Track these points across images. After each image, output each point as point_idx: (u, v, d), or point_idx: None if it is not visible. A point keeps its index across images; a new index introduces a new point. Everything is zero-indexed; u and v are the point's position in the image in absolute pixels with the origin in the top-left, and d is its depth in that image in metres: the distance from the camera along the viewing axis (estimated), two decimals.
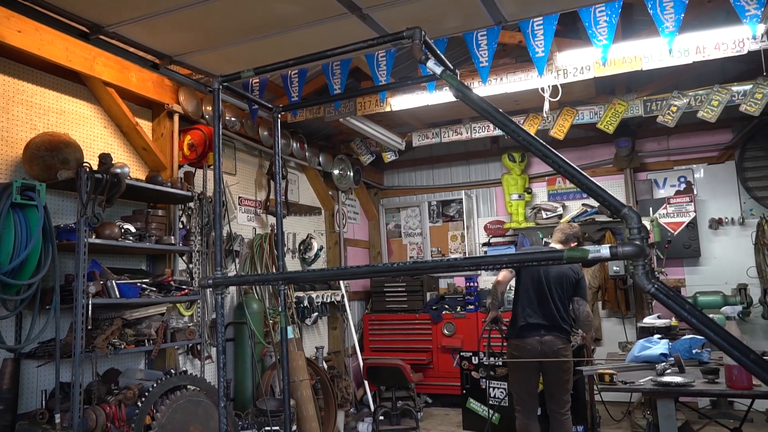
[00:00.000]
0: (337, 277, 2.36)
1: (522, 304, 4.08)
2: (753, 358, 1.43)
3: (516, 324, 4.07)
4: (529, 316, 4.01)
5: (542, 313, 4.01)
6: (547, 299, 4.05)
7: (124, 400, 3.48)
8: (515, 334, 4.05)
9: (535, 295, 4.07)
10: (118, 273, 3.83)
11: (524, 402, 4.08)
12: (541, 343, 3.96)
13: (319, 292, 6.20)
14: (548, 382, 4.12)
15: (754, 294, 6.06)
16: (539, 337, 3.97)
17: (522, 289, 4.13)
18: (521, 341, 4.00)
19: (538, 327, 3.99)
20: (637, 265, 1.53)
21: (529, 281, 4.11)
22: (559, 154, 1.71)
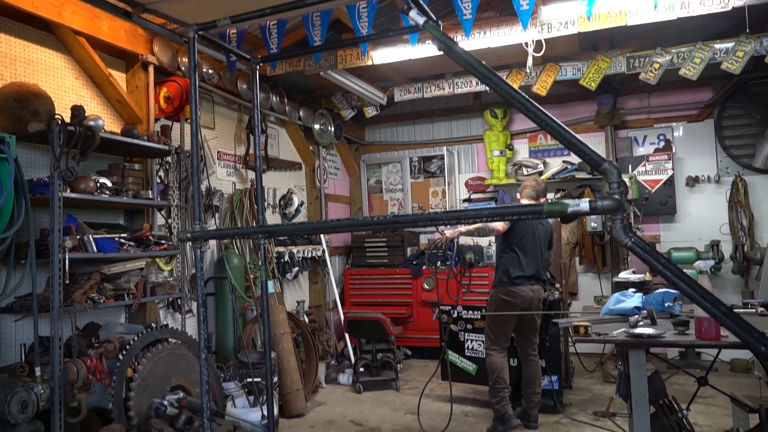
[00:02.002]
0: (318, 230, 2.36)
1: (517, 256, 4.35)
2: (723, 310, 1.47)
3: (510, 274, 4.33)
4: (524, 268, 4.33)
5: (534, 266, 4.37)
6: (537, 254, 4.41)
7: (105, 354, 3.49)
8: (510, 282, 4.32)
9: (530, 249, 4.38)
10: (95, 228, 3.78)
11: (501, 342, 4.40)
12: (532, 291, 4.34)
13: (300, 247, 6.21)
14: (526, 326, 4.45)
15: (725, 250, 6.22)
16: (530, 285, 4.34)
17: (516, 243, 4.37)
18: (516, 288, 4.30)
19: (530, 278, 4.34)
20: (616, 220, 1.54)
21: (524, 236, 4.37)
22: (542, 108, 1.69)
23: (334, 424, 4.69)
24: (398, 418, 4.80)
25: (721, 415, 4.44)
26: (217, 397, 4.21)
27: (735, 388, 4.48)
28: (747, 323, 1.43)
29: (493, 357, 4.36)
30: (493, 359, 4.36)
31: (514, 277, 4.30)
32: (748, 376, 5.51)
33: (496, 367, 4.33)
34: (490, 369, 4.36)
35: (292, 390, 4.89)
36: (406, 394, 5.50)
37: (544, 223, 4.53)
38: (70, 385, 3.23)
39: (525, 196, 4.51)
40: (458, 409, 4.93)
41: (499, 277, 4.41)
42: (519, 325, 4.43)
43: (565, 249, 6.48)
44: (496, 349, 4.38)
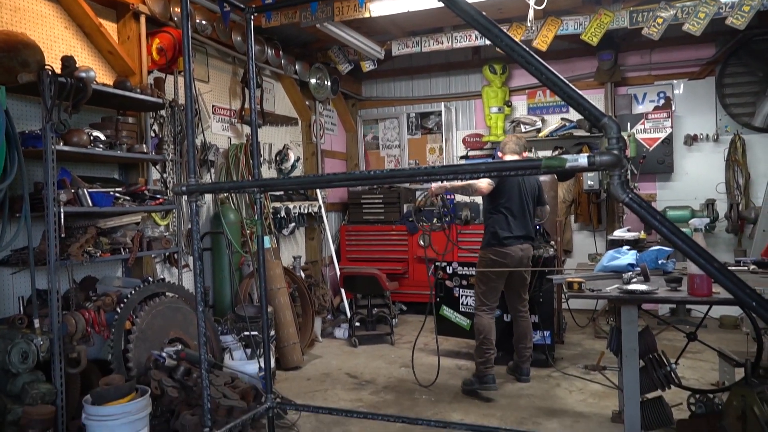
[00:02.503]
0: (314, 184, 2.34)
1: (505, 217, 4.29)
2: (716, 266, 1.48)
3: (499, 235, 4.27)
4: (512, 228, 4.27)
5: (522, 225, 4.32)
6: (525, 213, 4.34)
7: (103, 307, 3.52)
8: (499, 243, 4.27)
9: (518, 209, 4.31)
10: (90, 182, 3.75)
11: (492, 302, 4.37)
12: (521, 250, 4.31)
13: (297, 203, 6.21)
14: (516, 284, 4.46)
15: (720, 209, 6.25)
16: (520, 245, 4.30)
17: (504, 204, 4.29)
18: (506, 249, 4.26)
19: (519, 237, 4.29)
20: (613, 175, 1.54)
21: (511, 196, 4.29)
22: (542, 61, 1.66)
23: (330, 377, 4.79)
24: (393, 371, 4.90)
25: (708, 369, 4.55)
26: (215, 349, 4.28)
27: (723, 344, 4.57)
28: (739, 279, 1.45)
29: (482, 318, 4.33)
30: (481, 320, 4.33)
31: (503, 237, 4.25)
32: (736, 332, 5.62)
33: (484, 329, 4.30)
34: (478, 330, 4.33)
35: (289, 343, 4.97)
36: (400, 348, 5.59)
37: (531, 180, 4.43)
38: (69, 336, 3.27)
39: (509, 152, 4.41)
40: (452, 363, 5.03)
41: (487, 238, 4.35)
42: (509, 283, 4.44)
43: (561, 207, 6.49)
44: (485, 310, 4.34)
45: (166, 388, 3.40)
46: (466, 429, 2.42)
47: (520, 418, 3.77)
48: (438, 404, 4.08)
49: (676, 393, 3.46)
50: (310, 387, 4.54)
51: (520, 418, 3.77)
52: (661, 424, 3.04)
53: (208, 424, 2.13)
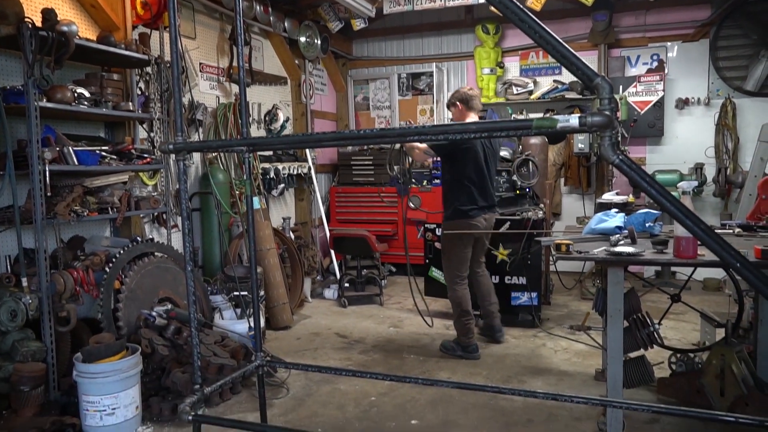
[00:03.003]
0: (303, 143, 2.31)
1: (468, 188, 4.18)
2: (703, 228, 1.49)
3: (463, 207, 4.19)
4: (475, 199, 4.19)
5: (485, 195, 4.24)
6: (487, 182, 4.25)
7: (92, 266, 3.51)
8: (464, 215, 4.19)
9: (480, 178, 4.20)
10: (75, 140, 3.69)
11: (463, 272, 4.32)
12: (485, 220, 4.29)
13: (286, 164, 6.16)
14: (478, 251, 4.46)
15: (709, 174, 6.29)
16: (484, 215, 4.26)
17: (465, 175, 4.17)
18: (471, 220, 4.19)
19: (483, 208, 4.24)
20: (604, 137, 1.53)
21: (473, 164, 4.16)
22: (535, 19, 1.63)
23: (319, 336, 4.85)
24: (382, 330, 4.96)
25: (690, 330, 4.65)
26: (205, 309, 4.30)
27: (705, 305, 4.67)
28: (724, 241, 1.46)
29: (457, 290, 4.28)
30: (456, 293, 4.28)
31: (468, 209, 4.18)
32: (718, 295, 5.73)
33: (461, 300, 4.27)
34: (455, 303, 4.30)
35: (278, 304, 5.01)
36: (389, 308, 5.66)
37: (491, 147, 4.28)
38: (58, 295, 3.27)
39: (474, 111, 4.26)
40: (440, 323, 5.11)
41: (451, 211, 4.24)
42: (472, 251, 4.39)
43: (550, 170, 6.50)
44: (458, 281, 4.29)
45: (157, 347, 3.43)
46: (453, 386, 2.47)
47: (505, 377, 3.86)
48: (425, 363, 4.16)
49: (659, 352, 3.54)
50: (299, 346, 4.60)
51: (505, 377, 3.86)
52: (642, 382, 3.12)
53: (198, 381, 2.15)
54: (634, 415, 3.12)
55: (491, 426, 3.13)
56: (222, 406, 3.47)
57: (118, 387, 3.04)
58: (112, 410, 3.02)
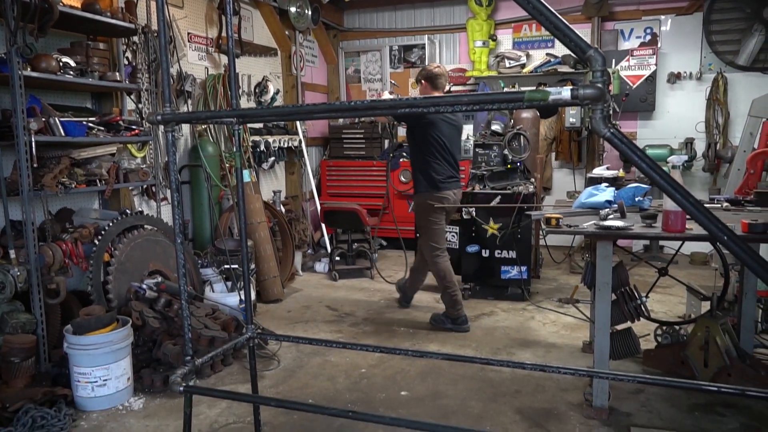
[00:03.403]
0: (293, 115, 2.29)
1: (438, 162, 4.26)
2: (692, 202, 1.50)
3: (433, 181, 4.26)
4: (446, 173, 4.29)
5: (453, 169, 4.36)
6: (452, 155, 4.34)
7: (80, 238, 3.49)
8: (435, 188, 4.27)
9: (447, 152, 4.29)
10: (61, 111, 3.63)
11: (443, 244, 4.40)
12: (454, 194, 4.39)
13: (276, 137, 6.11)
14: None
15: (699, 149, 6.31)
16: (453, 189, 4.36)
17: (435, 148, 4.25)
18: (442, 193, 4.28)
19: (451, 180, 4.33)
20: (596, 110, 1.52)
21: (440, 139, 4.24)
22: None
23: (310, 309, 4.87)
24: (372, 304, 5.00)
25: (676, 303, 4.72)
26: (196, 282, 4.30)
27: (692, 279, 4.73)
28: (713, 215, 1.47)
29: (438, 264, 4.33)
30: (438, 266, 4.33)
31: (439, 182, 4.26)
32: (705, 269, 5.81)
33: (445, 272, 4.32)
34: (440, 276, 4.34)
35: (269, 277, 5.02)
36: (380, 282, 5.69)
37: (459, 124, 4.43)
38: (47, 268, 3.25)
39: (438, 87, 4.34)
40: (431, 297, 5.14)
41: (423, 185, 4.31)
42: None
43: (542, 144, 6.49)
44: (438, 254, 4.34)
45: (148, 319, 3.44)
46: (443, 358, 2.50)
47: (494, 349, 3.91)
48: (415, 336, 4.20)
49: (645, 325, 3.60)
50: (290, 319, 4.62)
51: (494, 349, 3.91)
52: (628, 353, 3.17)
53: (189, 353, 2.16)
54: (620, 385, 3.18)
55: (480, 396, 3.18)
56: (213, 378, 3.50)
57: (109, 359, 3.05)
58: (103, 382, 3.04)
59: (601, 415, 2.88)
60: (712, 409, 2.95)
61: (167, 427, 2.90)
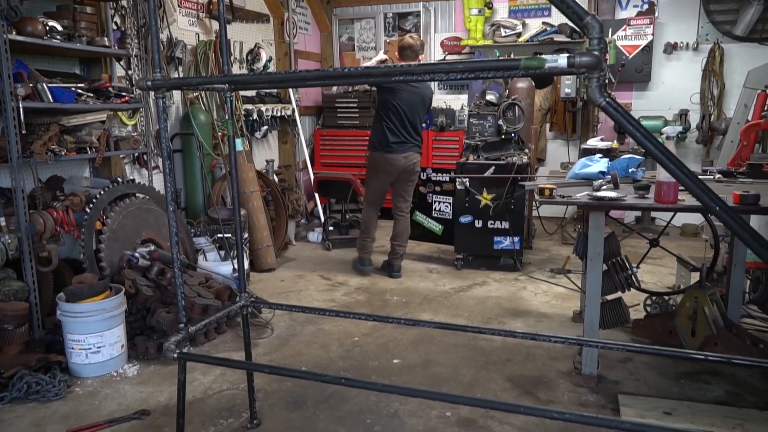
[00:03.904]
0: (286, 81, 2.25)
1: (393, 125, 4.62)
2: (685, 172, 1.50)
3: (383, 141, 4.65)
4: (398, 137, 4.64)
5: (408, 135, 4.67)
6: (407, 123, 4.64)
7: (72, 206, 3.46)
8: (383, 149, 4.67)
9: (405, 119, 4.62)
10: (49, 76, 3.56)
11: (376, 200, 4.93)
12: (404, 158, 4.69)
13: (269, 105, 6.04)
14: (400, 187, 4.85)
15: (693, 120, 6.30)
16: (403, 153, 4.67)
17: (393, 113, 4.60)
18: (389, 155, 4.67)
19: (403, 144, 4.66)
20: (592, 78, 1.50)
21: (401, 106, 4.59)
22: None
23: (303, 278, 4.89)
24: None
25: (666, 274, 4.77)
26: (189, 251, 4.30)
27: (682, 250, 4.77)
28: (705, 185, 1.47)
29: (366, 213, 4.96)
30: (365, 213, 4.97)
31: (387, 144, 4.63)
32: (695, 240, 5.86)
33: (368, 223, 4.92)
34: (364, 222, 4.96)
35: (263, 246, 5.02)
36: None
37: (423, 91, 4.70)
38: (38, 236, 3.23)
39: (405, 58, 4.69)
40: (423, 267, 5.18)
41: (374, 143, 4.71)
42: (395, 186, 4.84)
43: (536, 115, 6.46)
44: (369, 206, 4.93)
45: (141, 287, 3.44)
46: (435, 326, 2.52)
47: (486, 318, 3.95)
48: (408, 305, 4.23)
49: (635, 295, 3.64)
50: (284, 288, 4.64)
51: (486, 318, 3.95)
52: (618, 323, 3.22)
53: (183, 321, 2.17)
54: (609, 354, 3.23)
55: (471, 365, 3.22)
56: (207, 346, 3.53)
57: (102, 326, 3.06)
58: (97, 348, 3.06)
59: (590, 382, 2.93)
60: (698, 377, 3.01)
61: (161, 393, 2.93)
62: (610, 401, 2.78)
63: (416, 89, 4.62)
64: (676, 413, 2.59)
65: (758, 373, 3.02)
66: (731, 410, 2.63)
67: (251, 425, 2.60)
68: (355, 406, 2.76)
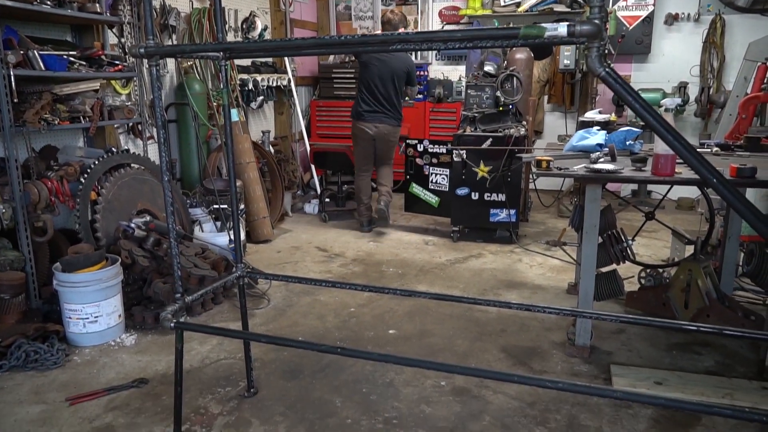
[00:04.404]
0: (281, 50, 2.22)
1: (368, 95, 5.08)
2: (684, 144, 1.49)
3: (359, 110, 5.13)
4: (371, 107, 5.10)
5: (382, 105, 5.10)
6: (382, 92, 5.06)
7: (66, 176, 3.44)
8: (358, 118, 5.16)
9: (381, 89, 5.05)
10: (40, 44, 3.50)
11: (362, 166, 5.33)
12: (376, 128, 5.14)
13: (265, 75, 5.97)
14: (381, 154, 5.34)
15: (692, 93, 6.25)
16: (374, 122, 5.11)
17: (370, 83, 5.05)
18: (362, 123, 5.15)
19: (376, 114, 5.10)
20: (592, 47, 1.48)
21: (377, 77, 5.02)
22: None
23: (300, 249, 4.90)
24: (361, 245, 5.03)
25: (661, 247, 4.80)
26: (185, 221, 4.29)
27: (677, 224, 4.78)
28: (703, 157, 1.47)
29: (356, 180, 5.40)
30: (356, 182, 5.41)
31: (361, 113, 5.12)
32: (691, 214, 5.88)
33: (358, 188, 5.38)
34: (355, 189, 5.44)
35: (259, 217, 5.02)
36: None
37: (401, 62, 5.06)
38: (33, 205, 3.22)
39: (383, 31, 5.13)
40: (420, 239, 5.19)
41: (352, 112, 5.23)
42: (376, 152, 5.29)
43: (535, 87, 6.40)
44: (359, 173, 5.35)
45: (137, 258, 3.44)
46: (430, 297, 2.54)
47: (481, 290, 3.97)
48: (404, 277, 4.25)
49: (630, 268, 3.66)
50: (280, 259, 4.65)
51: (481, 290, 3.97)
52: (612, 295, 3.24)
53: (179, 290, 2.17)
54: (602, 325, 3.26)
55: (466, 335, 3.26)
56: (204, 316, 3.55)
57: (99, 296, 3.07)
58: (94, 318, 3.07)
59: (583, 353, 2.97)
60: (689, 348, 3.05)
61: (159, 362, 2.95)
62: (602, 371, 2.82)
63: (388, 63, 4.98)
64: (667, 383, 2.63)
65: (748, 344, 3.06)
66: (721, 380, 2.67)
67: (248, 394, 2.63)
68: (351, 376, 2.79)
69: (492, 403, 2.56)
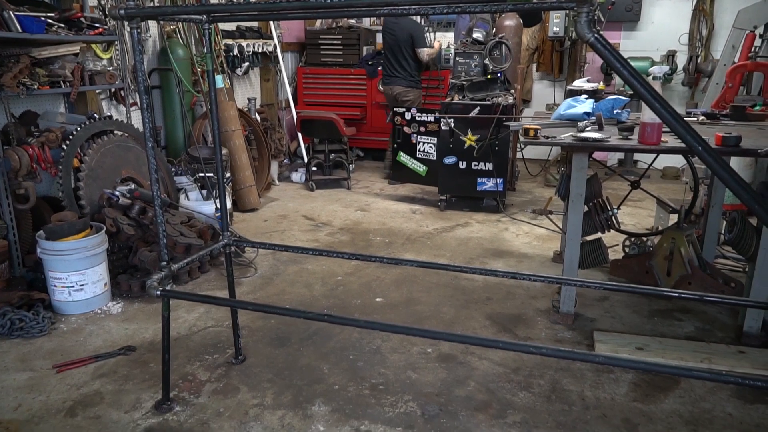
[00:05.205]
0: (266, 11, 2.16)
1: (384, 63, 5.84)
2: (670, 112, 1.49)
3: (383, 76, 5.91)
4: (385, 70, 5.85)
5: (391, 69, 5.79)
6: (390, 59, 5.76)
7: (47, 143, 3.38)
8: (381, 83, 6.04)
9: (387, 56, 5.78)
10: (16, 4, 3.38)
11: None
12: (389, 88, 5.83)
13: (250, 41, 5.86)
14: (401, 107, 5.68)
15: (680, 62, 6.24)
16: (388, 84, 5.83)
17: (384, 54, 5.82)
18: (384, 87, 5.95)
19: (387, 77, 5.84)
20: (581, 12, 1.47)
21: (386, 48, 5.77)
22: None
23: (287, 218, 4.89)
24: (349, 213, 5.03)
25: (645, 216, 4.85)
26: (170, 189, 4.25)
27: (662, 193, 4.83)
28: (689, 126, 1.47)
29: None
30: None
31: (383, 78, 5.93)
32: (676, 183, 5.94)
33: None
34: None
35: (245, 186, 4.98)
36: (357, 192, 5.70)
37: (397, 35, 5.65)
38: (14, 172, 3.16)
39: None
40: (407, 208, 5.19)
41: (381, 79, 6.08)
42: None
43: (523, 54, 6.35)
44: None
45: (122, 226, 3.41)
46: (417, 265, 2.55)
47: (468, 258, 4.00)
48: (391, 246, 4.27)
49: (614, 236, 3.70)
50: (267, 228, 4.64)
51: (468, 258, 4.00)
52: (596, 263, 3.28)
53: (165, 258, 2.16)
54: (586, 293, 3.31)
55: (452, 303, 3.29)
56: (191, 284, 3.55)
57: (84, 264, 3.06)
58: (80, 286, 3.06)
59: (567, 320, 3.01)
60: (670, 315, 3.11)
61: (146, 330, 2.96)
62: (585, 338, 2.88)
63: (393, 33, 5.67)
64: (647, 348, 2.68)
65: (728, 310, 3.13)
66: (700, 345, 2.73)
67: (236, 361, 2.65)
68: (339, 343, 2.82)
69: (477, 369, 2.60)
